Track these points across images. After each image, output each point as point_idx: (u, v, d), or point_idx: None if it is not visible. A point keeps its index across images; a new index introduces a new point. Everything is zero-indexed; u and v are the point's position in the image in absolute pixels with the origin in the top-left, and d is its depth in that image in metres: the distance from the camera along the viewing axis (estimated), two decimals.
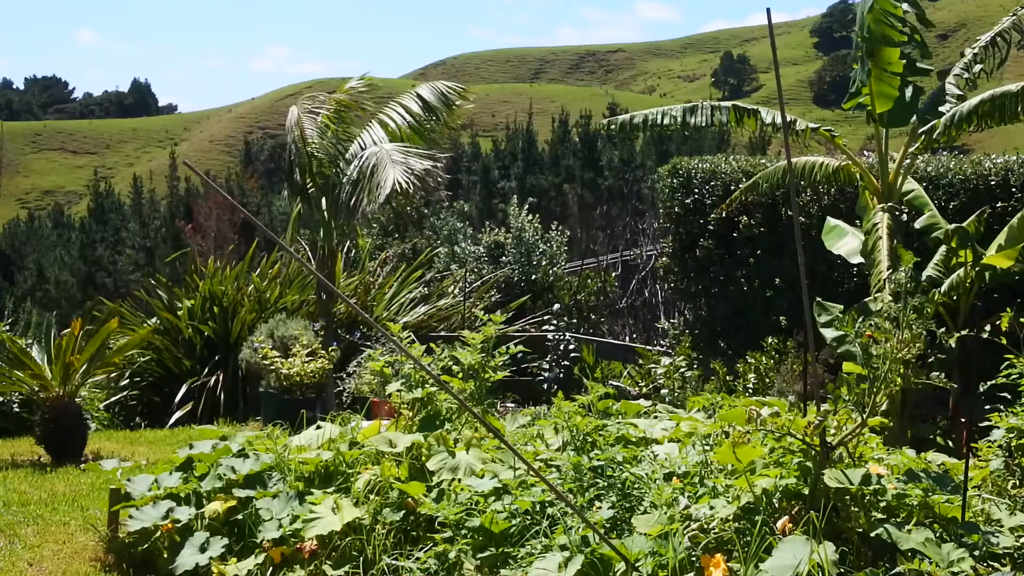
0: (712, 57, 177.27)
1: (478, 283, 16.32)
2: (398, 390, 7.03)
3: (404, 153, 12.04)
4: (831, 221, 10.88)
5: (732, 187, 13.82)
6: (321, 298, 13.02)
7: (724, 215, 13.58)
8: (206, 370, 13.76)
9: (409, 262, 16.95)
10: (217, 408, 13.18)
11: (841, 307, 10.11)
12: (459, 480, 5.85)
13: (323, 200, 12.52)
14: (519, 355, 8.21)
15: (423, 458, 6.26)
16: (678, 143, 41.44)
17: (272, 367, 11.02)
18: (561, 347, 13.11)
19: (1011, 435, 5.63)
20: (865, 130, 43.21)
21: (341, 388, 11.99)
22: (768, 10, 4.74)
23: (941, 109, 9.54)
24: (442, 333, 13.96)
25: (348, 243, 16.00)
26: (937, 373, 7.70)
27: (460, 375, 7.26)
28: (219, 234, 30.17)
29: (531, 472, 5.37)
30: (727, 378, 12.08)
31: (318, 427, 6.93)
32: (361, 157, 12.23)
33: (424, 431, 6.56)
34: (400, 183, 11.36)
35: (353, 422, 7.27)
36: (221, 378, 13.52)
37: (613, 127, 10.81)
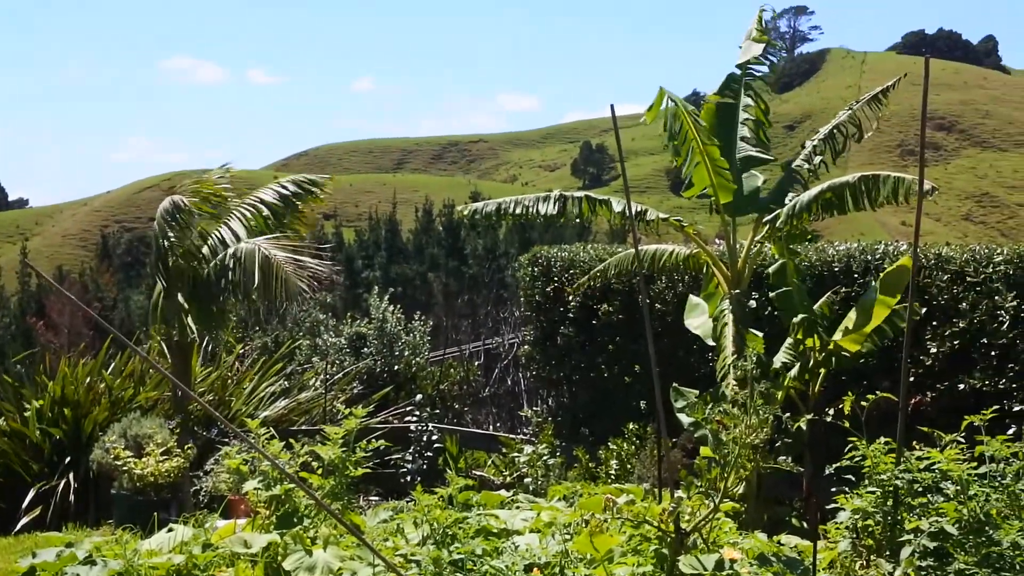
0: (572, 147, 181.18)
1: (340, 375, 16.16)
2: (255, 488, 6.87)
3: (278, 247, 11.98)
4: (693, 299, 11.13)
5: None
6: (176, 395, 12.70)
7: (577, 299, 13.80)
8: (56, 473, 13.22)
9: (270, 354, 16.69)
10: (67, 512, 12.64)
11: (697, 392, 10.34)
12: None
13: (178, 294, 12.29)
14: (382, 447, 8.14)
15: (280, 558, 6.11)
16: (541, 231, 42.02)
17: (124, 468, 10.66)
18: (424, 438, 13.04)
19: (856, 516, 5.79)
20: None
21: (198, 487, 11.65)
22: (612, 106, 4.90)
23: (784, 199, 9.93)
24: (303, 427, 13.73)
25: (207, 337, 15.68)
26: (785, 457, 7.88)
27: (320, 471, 7.15)
28: (73, 330, 29.29)
29: (390, 568, 5.29)
30: (590, 465, 12.16)
31: (170, 529, 6.71)
32: (230, 252, 12.08)
33: (281, 529, 6.42)
34: (299, 286, 11.38)
35: (209, 522, 7.07)
36: (72, 481, 12.99)
37: (468, 216, 10.94)
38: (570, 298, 13.83)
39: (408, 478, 12.48)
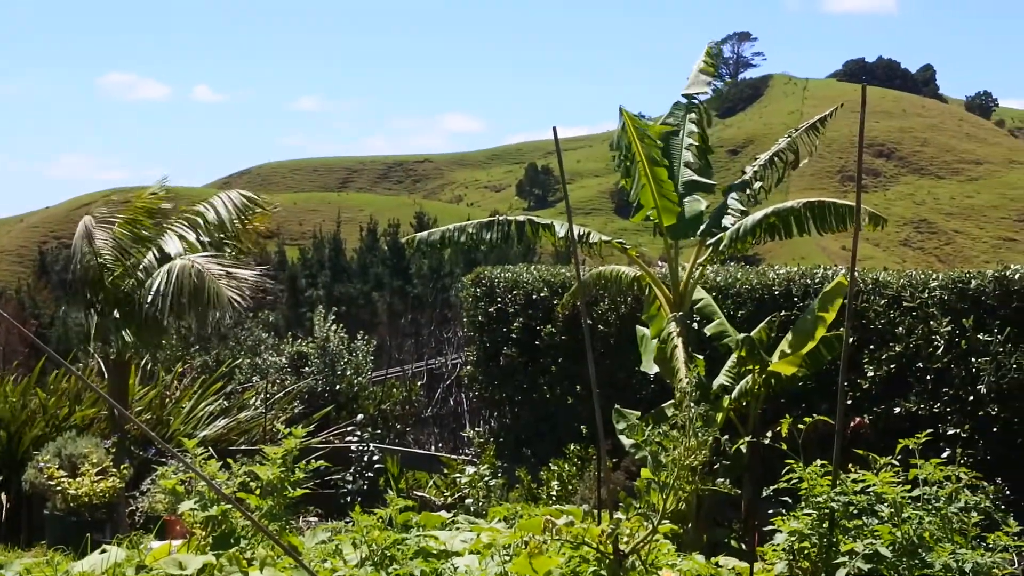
0: (517, 168, 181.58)
1: (280, 394, 16.02)
2: (191, 509, 6.79)
3: (218, 264, 11.88)
4: (641, 330, 11.18)
5: (534, 295, 14.13)
6: (113, 414, 12.53)
7: (520, 320, 13.82)
8: None
9: (211, 373, 16.51)
10: None
11: (639, 413, 10.40)
12: None
13: (115, 312, 12.14)
14: (322, 468, 8.06)
15: None
16: (486, 252, 42.06)
17: (58, 487, 10.49)
18: (365, 458, 12.96)
19: (793, 538, 5.84)
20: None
21: (134, 507, 11.49)
22: (555, 129, 4.92)
23: (725, 223, 10.05)
24: (242, 447, 13.61)
25: (147, 355, 15.49)
26: (723, 479, 7.94)
27: (258, 491, 7.07)
28: (8, 347, 28.71)
29: None
30: (532, 486, 12.16)
31: (103, 551, 6.60)
32: (166, 269, 11.95)
33: (217, 550, 6.34)
34: (231, 297, 11.26)
35: (143, 543, 6.97)
36: (3, 500, 12.74)
37: (413, 246, 10.97)
38: (516, 321, 13.85)
39: (348, 499, 12.38)
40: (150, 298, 11.88)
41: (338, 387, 16.49)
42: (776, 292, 11.86)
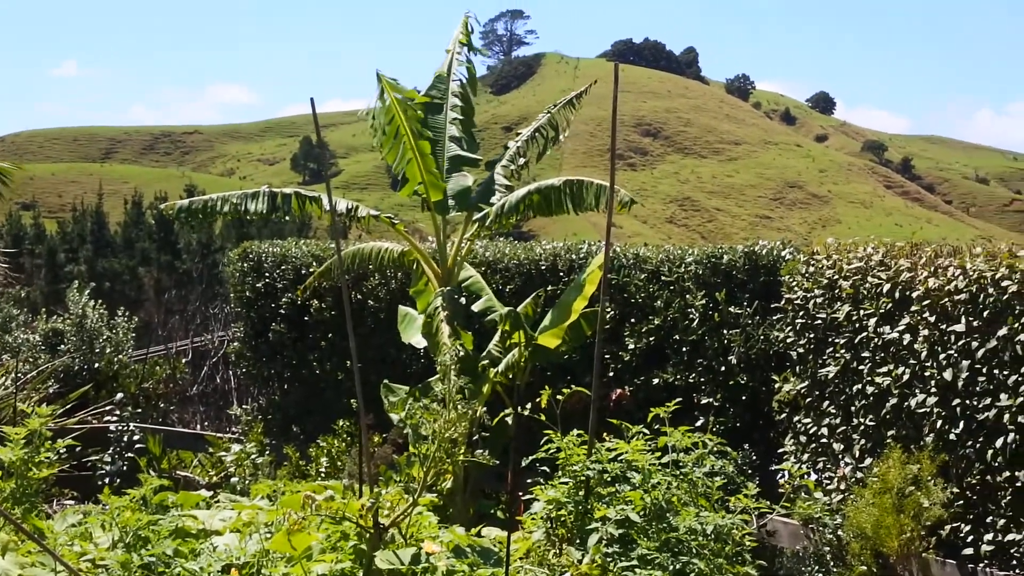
0: (291, 141, 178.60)
1: (34, 373, 15.23)
2: None
3: None
4: (402, 309, 11.22)
5: (303, 271, 13.93)
6: None
7: (299, 300, 13.62)
8: None
9: None
10: None
11: (408, 388, 10.44)
12: None
13: None
14: (77, 448, 7.76)
15: None
16: (259, 227, 41.17)
17: None
18: (125, 438, 12.49)
19: (550, 506, 5.99)
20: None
21: None
22: (312, 100, 4.86)
23: (492, 199, 10.17)
24: None
25: None
26: (483, 451, 8.07)
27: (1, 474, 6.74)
28: None
29: (73, 574, 5.04)
30: (300, 463, 12.02)
31: None
32: None
33: None
34: None
35: None
36: None
37: (175, 214, 10.62)
38: (298, 298, 13.62)
39: (107, 481, 11.92)
40: None
41: (97, 365, 15.82)
42: (543, 267, 12.10)
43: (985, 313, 7.50)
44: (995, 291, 7.42)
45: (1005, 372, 7.34)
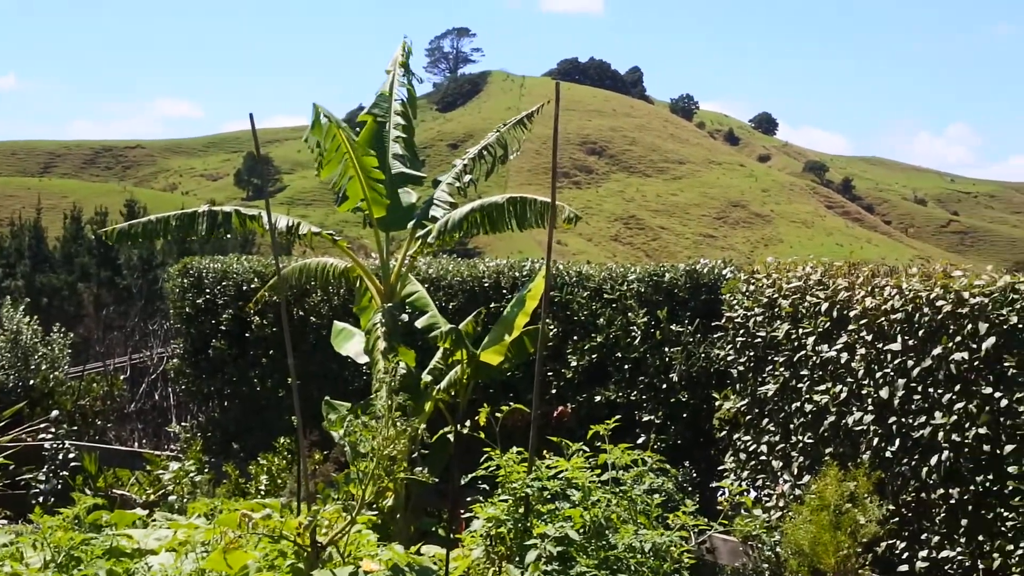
0: (235, 157, 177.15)
1: None
2: None
3: None
4: (338, 324, 11.22)
5: (244, 287, 13.80)
6: None
7: (250, 313, 13.48)
8: None
9: None
10: None
11: (349, 404, 10.38)
12: None
13: None
14: (11, 467, 7.62)
15: None
16: (201, 242, 40.75)
17: None
18: (60, 456, 12.28)
19: (490, 524, 5.97)
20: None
21: None
22: (251, 115, 4.82)
23: (435, 215, 10.15)
24: None
25: None
26: (422, 468, 8.02)
27: None
28: None
29: None
30: (240, 481, 11.89)
31: None
32: None
33: None
34: None
35: None
36: None
37: (114, 238, 10.53)
38: (225, 313, 13.47)
39: (41, 499, 11.71)
40: None
41: (32, 382, 15.55)
42: (486, 284, 12.10)
43: (920, 332, 7.61)
44: (930, 311, 7.54)
45: (939, 391, 7.45)
